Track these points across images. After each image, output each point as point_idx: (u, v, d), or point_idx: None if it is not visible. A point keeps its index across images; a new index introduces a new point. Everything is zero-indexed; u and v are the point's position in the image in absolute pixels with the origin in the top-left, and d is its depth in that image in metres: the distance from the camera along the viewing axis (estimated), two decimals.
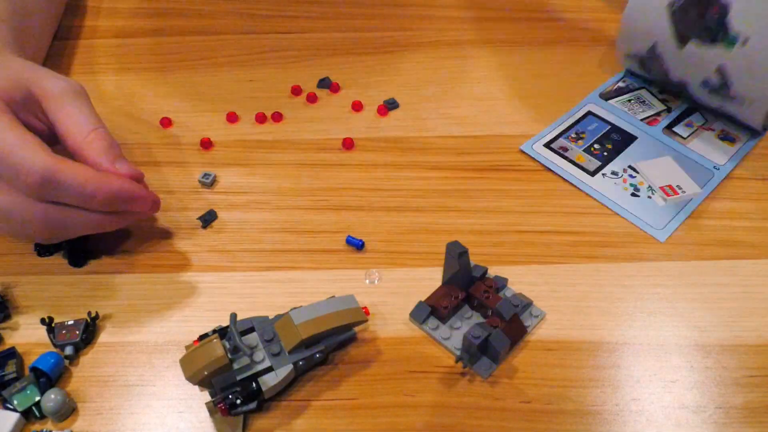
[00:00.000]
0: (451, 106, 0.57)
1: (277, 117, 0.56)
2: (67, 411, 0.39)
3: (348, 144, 0.54)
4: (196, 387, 0.40)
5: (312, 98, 0.58)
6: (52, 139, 0.44)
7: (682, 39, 0.47)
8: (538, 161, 0.53)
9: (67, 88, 0.43)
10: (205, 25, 0.65)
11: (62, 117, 0.43)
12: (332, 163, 0.53)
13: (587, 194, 0.50)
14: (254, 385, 0.38)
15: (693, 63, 0.49)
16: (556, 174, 0.52)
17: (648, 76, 0.57)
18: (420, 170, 0.52)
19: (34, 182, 0.39)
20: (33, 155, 0.39)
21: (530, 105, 0.58)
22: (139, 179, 0.44)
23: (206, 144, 0.54)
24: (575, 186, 0.51)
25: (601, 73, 0.60)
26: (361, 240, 0.47)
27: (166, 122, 0.56)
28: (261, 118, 0.56)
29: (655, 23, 0.49)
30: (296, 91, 0.58)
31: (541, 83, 0.60)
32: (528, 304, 0.43)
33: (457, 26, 0.65)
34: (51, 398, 0.38)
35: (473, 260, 0.43)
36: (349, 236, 0.47)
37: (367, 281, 0.45)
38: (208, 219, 0.49)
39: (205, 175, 0.51)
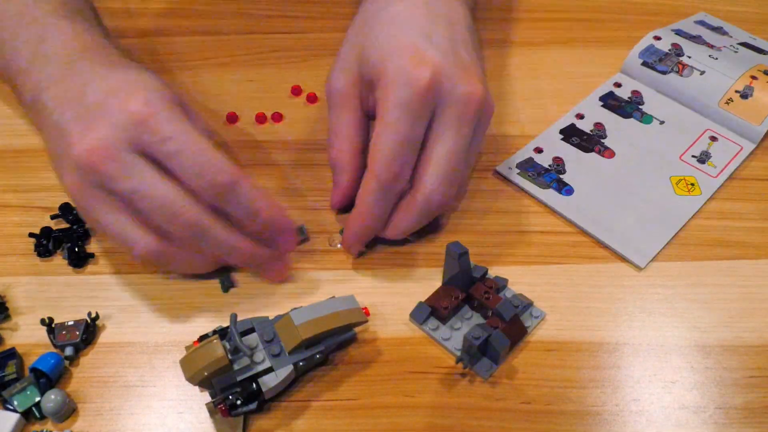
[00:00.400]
0: None
1: (277, 117, 0.56)
2: (68, 411, 0.39)
3: None
4: (197, 388, 0.40)
5: (312, 98, 0.58)
6: None
7: None
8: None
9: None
10: (205, 25, 0.65)
11: None
12: None
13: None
14: (254, 385, 0.38)
15: None
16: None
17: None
18: None
19: (222, 182, 0.40)
20: (224, 159, 0.40)
21: (530, 105, 0.58)
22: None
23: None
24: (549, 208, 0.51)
25: (600, 74, 0.60)
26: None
27: None
28: (261, 118, 0.56)
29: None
30: (296, 91, 0.58)
31: (540, 84, 0.59)
32: (528, 305, 0.43)
33: None
34: (51, 399, 0.38)
35: (473, 261, 0.43)
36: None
37: (330, 245, 0.47)
38: None
39: None
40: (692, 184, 0.51)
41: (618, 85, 0.59)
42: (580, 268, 0.46)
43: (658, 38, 0.59)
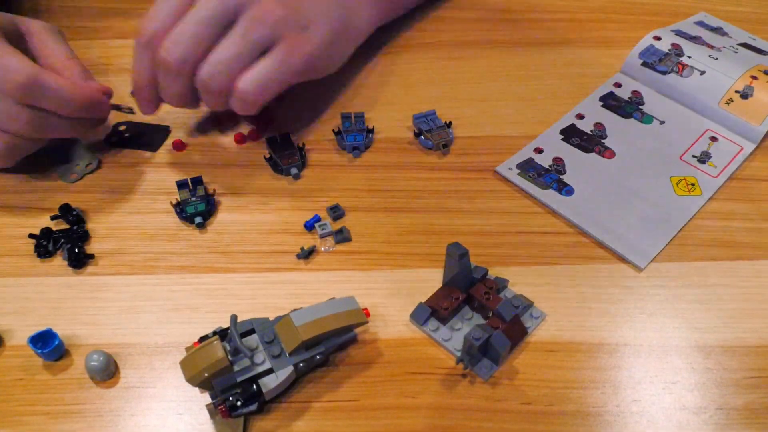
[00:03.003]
0: (451, 106, 0.57)
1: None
2: (110, 372, 0.40)
3: None
4: (197, 389, 0.40)
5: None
6: None
7: None
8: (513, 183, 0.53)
9: (47, 26, 0.49)
10: None
11: (43, 48, 0.49)
12: (332, 164, 0.53)
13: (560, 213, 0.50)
14: (255, 386, 0.38)
15: None
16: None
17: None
18: (420, 170, 0.52)
19: (20, 82, 0.43)
20: (21, 60, 0.44)
21: (530, 105, 0.58)
22: (109, 94, 0.50)
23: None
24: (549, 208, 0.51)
25: (600, 74, 0.60)
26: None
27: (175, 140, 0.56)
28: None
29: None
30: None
31: (540, 84, 0.59)
32: (528, 306, 0.43)
33: (456, 27, 0.65)
34: (94, 358, 0.40)
35: (474, 261, 0.43)
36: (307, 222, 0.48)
37: (324, 249, 0.47)
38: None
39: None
40: (692, 185, 0.51)
41: (618, 85, 0.59)
42: (580, 268, 0.46)
43: (658, 38, 0.59)
